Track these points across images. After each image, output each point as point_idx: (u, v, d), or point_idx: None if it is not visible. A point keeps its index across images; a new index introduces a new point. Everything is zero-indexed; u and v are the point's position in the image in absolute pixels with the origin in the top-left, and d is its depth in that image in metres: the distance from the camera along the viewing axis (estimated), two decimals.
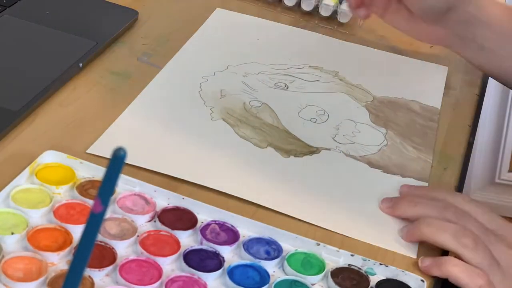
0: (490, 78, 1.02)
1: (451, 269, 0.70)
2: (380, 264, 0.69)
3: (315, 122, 0.87)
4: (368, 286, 0.67)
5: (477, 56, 0.93)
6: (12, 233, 0.64)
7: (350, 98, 0.92)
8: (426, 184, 0.80)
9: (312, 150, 0.82)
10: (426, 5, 0.89)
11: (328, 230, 0.73)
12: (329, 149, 0.83)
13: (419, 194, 0.77)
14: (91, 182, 0.71)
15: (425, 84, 0.97)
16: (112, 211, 0.69)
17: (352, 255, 0.69)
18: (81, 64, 0.86)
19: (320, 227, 0.73)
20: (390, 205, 0.76)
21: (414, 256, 0.72)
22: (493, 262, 0.70)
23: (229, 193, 0.74)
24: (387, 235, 0.74)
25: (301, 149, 0.82)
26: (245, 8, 1.05)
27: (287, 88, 0.91)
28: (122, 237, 0.66)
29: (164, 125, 0.82)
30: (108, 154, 0.75)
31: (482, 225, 0.73)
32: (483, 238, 0.71)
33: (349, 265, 0.68)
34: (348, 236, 0.72)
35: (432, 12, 0.90)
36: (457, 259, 0.71)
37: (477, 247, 0.70)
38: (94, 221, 0.46)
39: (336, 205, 0.76)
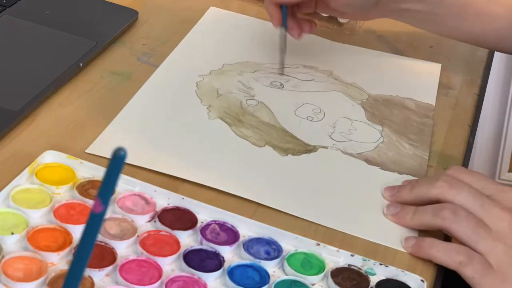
0: (490, 78, 1.02)
1: (429, 251, 0.70)
2: (380, 264, 0.69)
3: (311, 120, 0.87)
4: (368, 286, 0.67)
5: (415, 23, 0.95)
6: (12, 233, 0.64)
7: (346, 96, 0.92)
8: None
9: (309, 149, 0.82)
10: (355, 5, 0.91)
11: (328, 229, 0.73)
12: (326, 147, 0.83)
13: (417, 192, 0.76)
14: (91, 182, 0.71)
15: (419, 81, 0.98)
16: (112, 211, 0.69)
17: (352, 255, 0.69)
18: (81, 64, 0.86)
19: (320, 225, 0.73)
20: (395, 213, 0.75)
21: None
22: (479, 228, 0.70)
23: (228, 191, 0.74)
24: (385, 232, 0.74)
25: (298, 147, 0.82)
26: (245, 8, 1.06)
27: (282, 87, 0.91)
28: (122, 237, 0.66)
29: (162, 124, 0.82)
30: (106, 153, 0.75)
31: (476, 190, 0.73)
32: (475, 203, 0.71)
33: (349, 265, 0.68)
34: (348, 235, 0.72)
35: (360, 10, 0.92)
36: (434, 239, 0.71)
37: (456, 217, 0.70)
38: (94, 221, 0.46)
39: (334, 202, 0.76)
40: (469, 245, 0.70)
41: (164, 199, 0.71)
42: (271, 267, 0.67)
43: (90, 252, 0.47)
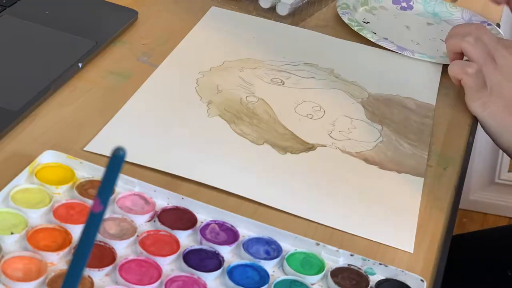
0: None
1: (450, 67, 0.93)
2: (380, 264, 0.69)
3: (311, 118, 0.87)
4: (368, 286, 0.67)
5: None
6: (12, 233, 0.64)
7: (346, 94, 0.92)
8: (422, 179, 0.81)
9: (308, 147, 0.82)
10: None
11: (328, 229, 0.73)
12: (325, 146, 0.83)
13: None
14: (90, 182, 0.71)
15: (420, 81, 0.98)
16: (111, 211, 0.69)
17: (351, 255, 0.69)
18: (80, 64, 0.86)
19: (319, 225, 0.73)
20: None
21: (411, 251, 0.72)
22: (489, 59, 0.91)
23: (226, 189, 0.74)
24: (384, 231, 0.74)
25: (297, 145, 0.82)
26: (247, 10, 1.06)
27: (283, 84, 0.92)
28: (121, 237, 0.66)
29: (161, 122, 0.82)
30: (105, 151, 0.75)
31: (497, 37, 0.94)
32: (489, 42, 0.92)
33: (348, 265, 0.68)
34: (347, 234, 0.73)
35: None
36: (458, 61, 0.94)
37: (476, 44, 0.92)
38: (94, 221, 0.46)
39: (332, 201, 0.76)
40: (477, 64, 0.90)
41: (164, 199, 0.71)
42: (271, 267, 0.67)
43: (90, 252, 0.47)
